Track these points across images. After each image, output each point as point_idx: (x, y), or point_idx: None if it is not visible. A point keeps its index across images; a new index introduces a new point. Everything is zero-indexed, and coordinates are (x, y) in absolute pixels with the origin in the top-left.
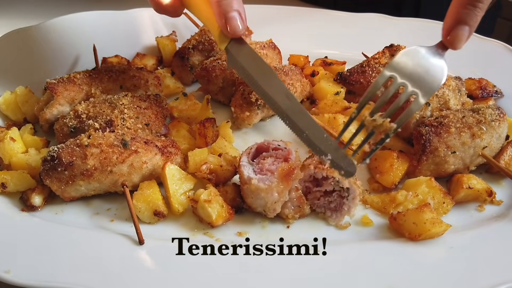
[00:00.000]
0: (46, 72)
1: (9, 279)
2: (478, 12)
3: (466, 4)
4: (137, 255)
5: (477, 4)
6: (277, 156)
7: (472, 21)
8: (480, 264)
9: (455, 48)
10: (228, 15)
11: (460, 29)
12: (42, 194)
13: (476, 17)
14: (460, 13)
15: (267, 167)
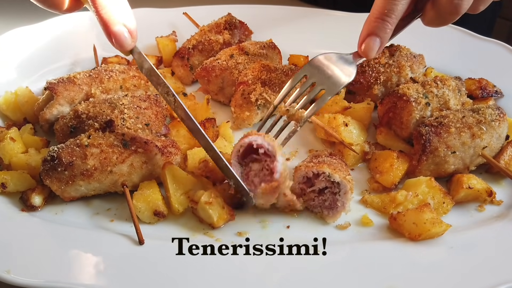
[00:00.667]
0: (46, 72)
1: (9, 279)
2: (387, 25)
3: (377, 18)
4: (137, 255)
5: (386, 18)
6: (264, 166)
7: (382, 33)
8: (480, 264)
9: (368, 57)
10: (113, 30)
11: (372, 40)
12: (42, 194)
13: (386, 30)
14: (371, 26)
15: (253, 176)
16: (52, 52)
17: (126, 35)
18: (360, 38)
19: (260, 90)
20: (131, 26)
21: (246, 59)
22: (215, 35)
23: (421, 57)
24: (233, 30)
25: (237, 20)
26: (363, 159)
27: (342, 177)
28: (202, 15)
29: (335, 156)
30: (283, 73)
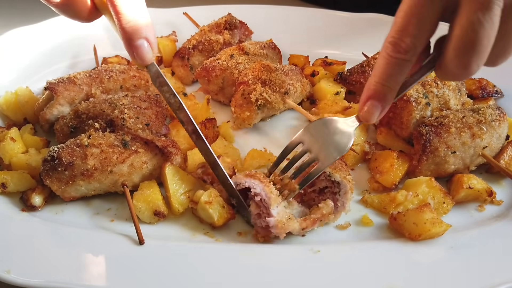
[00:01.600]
0: (46, 72)
1: (10, 279)
2: (387, 90)
3: (376, 82)
4: (137, 255)
5: (386, 84)
6: (262, 211)
7: (382, 99)
8: (480, 264)
9: (368, 122)
10: (135, 43)
11: (372, 105)
12: (42, 194)
13: (386, 96)
14: (371, 90)
15: (253, 208)
16: (52, 52)
17: (147, 48)
18: (361, 101)
19: (260, 90)
20: (152, 39)
21: (246, 59)
22: (215, 35)
23: None
24: (233, 30)
25: (237, 20)
26: (363, 159)
27: (343, 176)
28: (202, 15)
29: None
30: (283, 73)
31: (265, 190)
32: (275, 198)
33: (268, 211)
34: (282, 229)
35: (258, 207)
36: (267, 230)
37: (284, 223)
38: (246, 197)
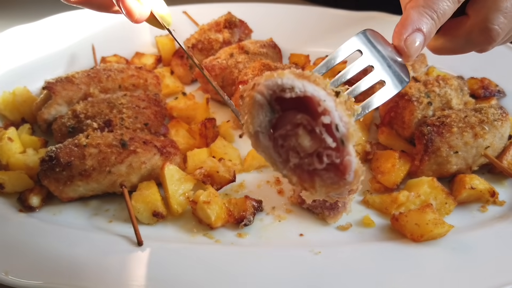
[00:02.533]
0: (44, 71)
1: (7, 281)
2: (433, 26)
3: (426, 12)
4: (135, 256)
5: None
6: (320, 152)
7: (429, 33)
8: (483, 265)
9: (408, 53)
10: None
11: (416, 35)
12: (40, 195)
13: (431, 31)
14: (417, 20)
15: (294, 157)
16: (50, 51)
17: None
18: (400, 34)
19: None
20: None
21: (246, 58)
22: (215, 33)
23: (423, 56)
24: (233, 28)
25: (237, 19)
26: (364, 159)
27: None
28: (202, 14)
29: None
30: None
31: (340, 111)
32: (356, 130)
33: (342, 148)
34: (357, 178)
35: (318, 139)
36: (331, 177)
37: (361, 170)
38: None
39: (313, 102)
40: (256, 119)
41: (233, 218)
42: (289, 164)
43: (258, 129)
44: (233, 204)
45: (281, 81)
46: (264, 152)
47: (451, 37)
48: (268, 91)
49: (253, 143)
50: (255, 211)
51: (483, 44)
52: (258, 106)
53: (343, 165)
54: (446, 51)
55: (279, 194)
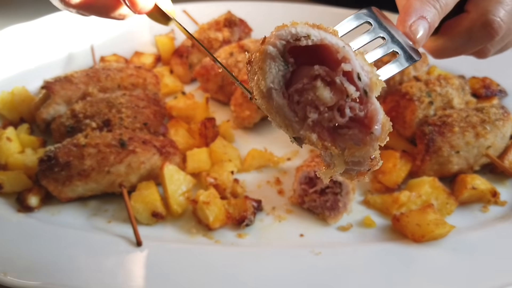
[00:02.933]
0: (43, 70)
1: (6, 281)
2: (437, 15)
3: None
4: (135, 257)
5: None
6: (341, 105)
7: (433, 22)
8: (484, 266)
9: (416, 39)
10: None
11: (421, 22)
12: (38, 195)
13: (434, 20)
14: (421, 9)
15: (312, 113)
16: (49, 50)
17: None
18: (404, 20)
19: None
20: None
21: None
22: (215, 32)
23: (424, 55)
24: (232, 27)
25: (237, 18)
26: None
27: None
28: (202, 13)
29: None
30: None
31: (360, 60)
32: (380, 81)
33: (366, 99)
34: (385, 132)
35: (339, 91)
36: (355, 133)
37: (388, 123)
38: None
39: (331, 50)
40: (268, 74)
41: (232, 220)
42: (307, 121)
43: (271, 85)
44: (233, 205)
45: (295, 29)
46: (277, 113)
47: (451, 35)
48: (281, 41)
49: (266, 105)
50: (255, 211)
51: (485, 39)
52: (270, 59)
53: (368, 117)
54: (447, 51)
55: (279, 194)
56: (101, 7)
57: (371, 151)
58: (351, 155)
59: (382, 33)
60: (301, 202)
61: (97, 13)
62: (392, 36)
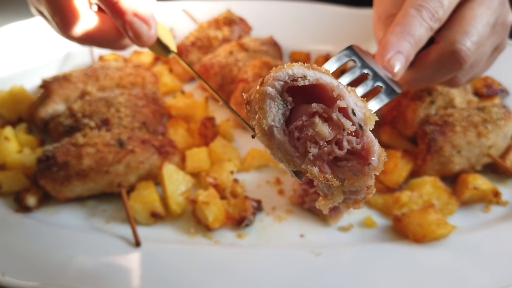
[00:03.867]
0: (41, 70)
1: (4, 282)
2: (412, 50)
3: (405, 37)
4: (133, 257)
5: (414, 43)
6: (338, 138)
7: (408, 56)
8: (486, 266)
9: (393, 72)
10: (127, 18)
11: (398, 58)
12: (36, 195)
13: (409, 54)
14: (396, 44)
15: (311, 146)
16: (47, 49)
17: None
18: (383, 55)
19: None
20: (144, 12)
21: (246, 56)
22: (214, 31)
23: None
24: (232, 26)
25: (237, 16)
26: None
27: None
28: (201, 11)
29: None
30: None
31: (353, 97)
32: (373, 115)
33: (361, 133)
34: (381, 162)
35: (336, 126)
36: (354, 165)
37: (383, 154)
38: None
39: (326, 89)
40: (269, 113)
41: (232, 220)
42: (308, 156)
43: (272, 123)
44: (233, 205)
45: (292, 71)
46: (279, 149)
47: (423, 65)
48: (279, 82)
49: (267, 142)
50: (255, 211)
51: (454, 68)
52: (270, 99)
53: (365, 149)
54: (419, 81)
55: (279, 194)
56: (103, 39)
57: (369, 180)
58: (350, 185)
59: (366, 70)
60: (301, 202)
61: (99, 45)
62: (375, 72)
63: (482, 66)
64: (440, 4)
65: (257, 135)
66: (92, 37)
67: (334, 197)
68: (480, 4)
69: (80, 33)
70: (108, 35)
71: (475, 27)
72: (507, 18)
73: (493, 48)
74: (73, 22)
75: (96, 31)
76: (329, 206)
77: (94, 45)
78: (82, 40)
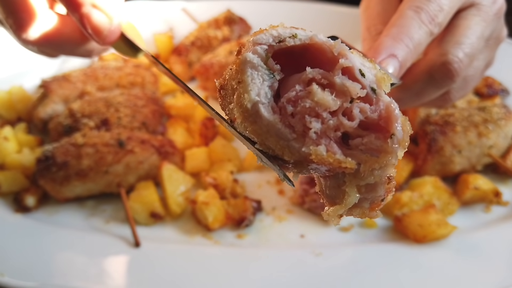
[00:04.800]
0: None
1: (4, 282)
2: (410, 55)
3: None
4: (133, 257)
5: (414, 48)
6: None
7: (405, 63)
8: (486, 267)
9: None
10: (84, 10)
11: (392, 63)
12: (36, 195)
13: (406, 60)
14: (393, 47)
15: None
16: None
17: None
18: (373, 56)
19: None
20: (104, 2)
21: None
22: (214, 30)
23: None
24: (232, 26)
25: (237, 16)
26: None
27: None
28: (201, 11)
29: None
30: None
31: (357, 57)
32: (386, 73)
33: (376, 98)
34: (406, 133)
35: (341, 93)
36: (371, 141)
37: (407, 122)
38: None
39: (323, 48)
40: (252, 86)
41: (232, 220)
42: (309, 134)
43: (256, 98)
44: (233, 206)
45: (276, 32)
46: (268, 133)
47: (411, 80)
48: (262, 46)
49: (252, 126)
50: (255, 211)
51: (445, 81)
52: (251, 69)
53: (383, 118)
54: (408, 98)
55: (279, 194)
56: (64, 43)
57: (393, 160)
58: (369, 172)
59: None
60: (301, 202)
61: (62, 50)
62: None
63: (475, 81)
64: (440, 8)
65: (237, 120)
66: (50, 40)
67: (347, 197)
68: (475, 15)
69: (37, 36)
70: (70, 38)
71: (469, 38)
72: (501, 33)
73: (485, 63)
74: (28, 23)
75: (55, 33)
76: (340, 212)
77: (54, 50)
78: (39, 44)
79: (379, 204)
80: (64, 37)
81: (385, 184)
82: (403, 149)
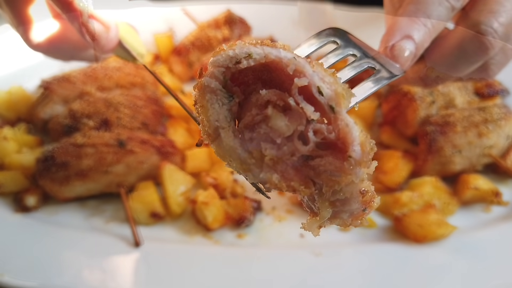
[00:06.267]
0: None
1: (4, 282)
2: (429, 36)
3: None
4: (133, 257)
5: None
6: (301, 128)
7: (422, 44)
8: (486, 267)
9: (398, 59)
10: (83, 19)
11: (406, 45)
12: (36, 195)
13: (423, 41)
14: (410, 27)
15: (272, 149)
16: None
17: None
18: (389, 40)
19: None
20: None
21: None
22: (214, 31)
23: None
24: (232, 26)
25: (237, 17)
26: None
27: None
28: (201, 12)
29: None
30: None
31: (319, 72)
32: (349, 91)
33: (334, 116)
34: (366, 153)
35: (297, 115)
36: (328, 162)
37: (369, 142)
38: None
39: (280, 66)
40: (211, 111)
41: (232, 220)
42: (264, 161)
43: (216, 124)
44: (233, 206)
45: (233, 52)
46: (231, 157)
47: (439, 55)
48: (219, 69)
49: (216, 149)
50: (255, 211)
51: (479, 54)
52: (210, 93)
53: (341, 138)
54: (437, 74)
55: (279, 194)
56: (69, 48)
57: (354, 180)
58: (331, 192)
59: (352, 50)
60: (301, 202)
61: (67, 56)
62: (364, 52)
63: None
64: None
65: (204, 141)
66: (57, 46)
67: (321, 211)
68: None
69: (44, 43)
70: (74, 44)
71: (504, 6)
72: None
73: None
74: (35, 31)
75: (60, 39)
76: (317, 225)
77: (61, 54)
78: (47, 50)
79: (362, 214)
80: (68, 42)
81: (359, 198)
82: (366, 169)
